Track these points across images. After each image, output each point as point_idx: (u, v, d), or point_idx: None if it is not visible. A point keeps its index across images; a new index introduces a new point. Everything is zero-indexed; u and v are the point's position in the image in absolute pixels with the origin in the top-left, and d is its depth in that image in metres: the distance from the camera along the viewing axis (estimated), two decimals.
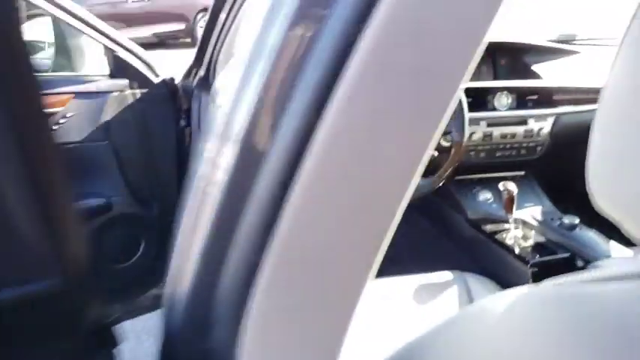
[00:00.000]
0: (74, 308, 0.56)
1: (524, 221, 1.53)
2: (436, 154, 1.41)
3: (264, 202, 0.35)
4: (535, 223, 1.50)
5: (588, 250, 1.33)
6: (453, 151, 1.36)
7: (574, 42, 2.07)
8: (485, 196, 1.61)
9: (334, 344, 0.37)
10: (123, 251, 1.75)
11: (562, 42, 2.04)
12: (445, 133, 1.37)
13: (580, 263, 1.33)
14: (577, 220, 1.42)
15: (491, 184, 1.67)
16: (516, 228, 1.49)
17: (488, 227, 1.53)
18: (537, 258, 1.35)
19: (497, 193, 1.62)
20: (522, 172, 1.74)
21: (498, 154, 1.64)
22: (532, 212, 1.57)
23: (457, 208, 1.64)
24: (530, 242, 1.44)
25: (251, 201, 0.35)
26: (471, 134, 1.57)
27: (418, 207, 2.00)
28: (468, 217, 1.60)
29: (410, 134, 0.34)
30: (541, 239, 1.44)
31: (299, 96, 0.33)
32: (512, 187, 1.41)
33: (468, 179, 1.68)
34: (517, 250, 1.40)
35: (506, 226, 1.50)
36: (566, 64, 1.80)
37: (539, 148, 1.66)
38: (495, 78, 1.78)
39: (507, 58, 1.80)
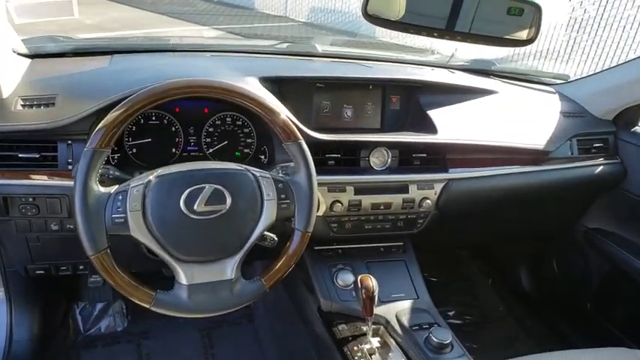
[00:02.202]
0: None
1: (386, 324, 1.21)
2: (270, 241, 1.04)
3: None
4: (399, 330, 1.18)
5: None
6: (293, 241, 0.99)
7: (490, 72, 1.74)
8: (345, 279, 1.26)
9: None
10: None
11: (476, 71, 1.71)
12: (284, 219, 0.99)
13: None
14: (448, 339, 1.10)
15: (357, 262, 1.33)
16: (375, 335, 1.17)
17: (341, 328, 1.19)
18: None
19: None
20: (400, 243, 1.41)
21: (368, 226, 1.29)
22: (401, 309, 1.25)
23: (311, 292, 1.29)
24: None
25: None
26: (333, 203, 1.21)
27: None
28: (320, 307, 1.26)
29: None
30: (401, 357, 1.13)
31: None
32: (370, 284, 1.07)
33: (329, 251, 1.33)
34: None
35: (364, 328, 1.17)
36: (474, 109, 1.45)
37: (420, 222, 1.33)
38: (382, 121, 1.41)
39: (401, 96, 1.43)
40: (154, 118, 1.19)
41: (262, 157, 1.26)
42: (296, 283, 1.39)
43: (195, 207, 0.89)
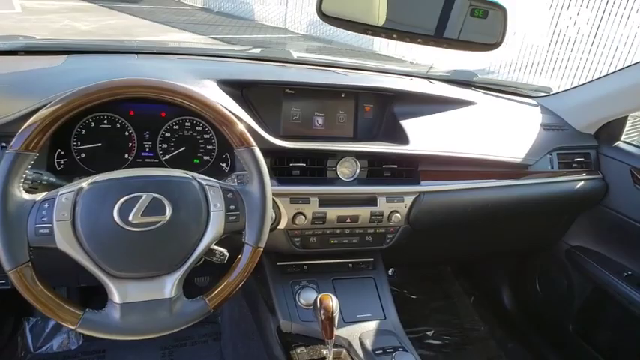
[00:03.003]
0: None
1: (349, 347, 1.13)
2: (220, 257, 0.96)
3: None
4: (361, 354, 1.10)
5: None
6: (242, 257, 0.91)
7: (472, 83, 1.69)
8: (308, 298, 1.17)
9: None
10: None
11: (457, 82, 1.65)
12: (233, 232, 0.91)
13: None
14: None
15: (323, 279, 1.25)
16: (336, 358, 1.09)
17: (299, 351, 1.11)
18: None
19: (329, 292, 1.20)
20: (370, 259, 1.33)
21: (334, 240, 1.21)
22: (366, 330, 1.16)
23: (272, 311, 1.21)
24: None
25: None
26: (295, 216, 1.13)
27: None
28: (279, 328, 1.17)
29: None
30: None
31: None
32: (330, 303, 0.99)
33: (293, 267, 1.25)
34: None
35: (325, 352, 1.08)
36: (450, 120, 1.39)
37: (389, 237, 1.25)
38: (355, 131, 1.34)
39: (374, 106, 1.36)
40: (105, 122, 1.11)
41: (224, 165, 1.19)
42: (258, 301, 1.30)
43: (130, 218, 0.81)
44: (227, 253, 0.93)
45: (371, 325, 1.17)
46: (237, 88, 1.16)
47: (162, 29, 8.42)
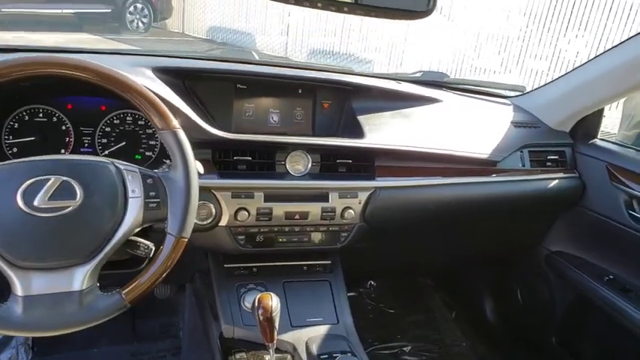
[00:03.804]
0: None
1: (293, 352, 1.04)
2: (144, 250, 0.89)
3: None
4: (304, 355, 1.01)
5: None
6: (164, 248, 0.83)
7: (442, 84, 1.63)
8: (252, 301, 1.09)
9: None
10: None
11: (427, 83, 1.60)
12: (155, 221, 0.84)
13: None
14: None
15: (272, 281, 1.17)
16: None
17: (239, 357, 1.01)
18: None
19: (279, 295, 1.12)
20: (328, 262, 1.24)
21: (282, 239, 1.13)
22: (315, 335, 1.07)
23: (215, 316, 1.12)
24: None
25: None
26: (238, 211, 1.06)
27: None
28: (222, 334, 1.08)
29: None
30: None
31: None
32: (269, 303, 0.90)
33: (241, 269, 1.17)
34: None
35: (267, 358, 0.99)
36: (411, 116, 1.33)
37: (344, 235, 1.18)
38: (313, 128, 1.28)
39: (333, 102, 1.31)
40: (41, 115, 1.07)
41: (168, 161, 1.13)
42: (205, 308, 1.22)
43: (35, 202, 0.74)
44: (153, 247, 0.86)
45: (321, 330, 1.08)
46: (178, 78, 1.11)
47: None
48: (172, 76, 1.09)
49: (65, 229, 0.76)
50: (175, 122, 0.85)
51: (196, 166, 0.94)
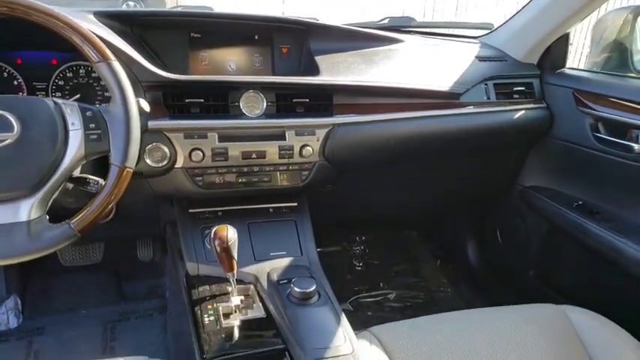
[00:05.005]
0: None
1: (256, 282, 1.05)
2: (94, 185, 0.91)
3: None
4: (266, 286, 1.03)
5: (307, 341, 0.86)
6: (109, 178, 0.85)
7: (409, 28, 1.61)
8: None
9: None
10: None
11: (393, 29, 1.58)
12: (98, 153, 0.85)
13: None
14: (312, 287, 0.95)
15: (237, 223, 1.18)
16: (241, 295, 1.01)
17: (201, 289, 1.04)
18: (229, 352, 0.86)
19: (243, 235, 1.14)
20: (294, 204, 1.25)
21: (242, 179, 1.14)
22: (278, 267, 1.09)
23: (181, 258, 1.14)
24: (247, 317, 0.95)
25: None
26: (192, 152, 1.07)
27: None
28: (187, 272, 1.10)
29: None
30: (260, 314, 0.97)
31: None
32: (224, 234, 0.91)
33: (206, 214, 1.18)
34: (215, 336, 0.90)
35: (229, 289, 1.01)
36: (370, 55, 1.33)
37: (305, 174, 1.18)
38: (274, 73, 1.28)
39: (291, 45, 1.31)
40: None
41: None
42: (174, 255, 1.24)
43: None
44: (103, 182, 0.88)
45: (284, 262, 1.10)
46: (125, 25, 1.11)
47: None
48: (118, 22, 1.08)
49: (5, 161, 0.78)
50: (110, 54, 0.86)
51: (141, 104, 0.95)
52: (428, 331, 0.97)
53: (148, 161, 1.05)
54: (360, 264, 1.91)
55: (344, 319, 0.92)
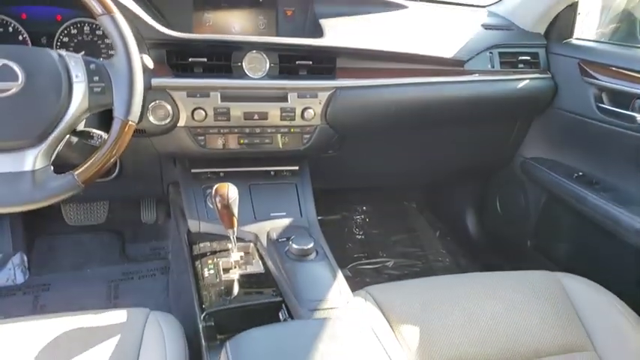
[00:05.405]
0: None
1: (255, 240, 1.08)
2: (98, 139, 0.92)
3: None
4: (265, 244, 1.05)
5: (304, 293, 0.89)
6: (112, 131, 0.86)
7: None
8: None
9: None
10: None
11: None
12: (101, 106, 0.86)
13: (283, 315, 0.89)
14: (310, 244, 0.97)
15: (239, 184, 1.19)
16: (241, 252, 1.04)
17: (202, 246, 1.06)
18: (223, 304, 0.89)
19: (244, 195, 1.15)
20: (295, 167, 1.27)
21: (244, 140, 1.15)
22: (277, 226, 1.11)
23: (183, 216, 1.17)
24: (246, 272, 0.98)
25: None
26: (194, 110, 1.08)
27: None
28: (189, 229, 1.13)
29: None
30: (258, 269, 0.99)
31: None
32: (225, 191, 0.93)
33: (208, 174, 1.20)
34: (214, 288, 0.93)
35: (229, 246, 1.03)
36: (375, 20, 1.32)
37: (306, 137, 1.19)
38: (278, 36, 1.28)
39: (296, 8, 1.30)
40: None
41: None
42: (177, 215, 1.26)
43: None
44: (106, 136, 0.89)
45: (283, 222, 1.12)
46: None
47: None
48: None
49: (10, 110, 0.79)
50: (113, 7, 0.86)
51: (145, 60, 0.96)
52: (421, 291, 0.99)
53: (152, 119, 1.06)
54: (360, 233, 1.93)
55: (340, 275, 0.95)
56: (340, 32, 1.20)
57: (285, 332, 0.72)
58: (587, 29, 1.43)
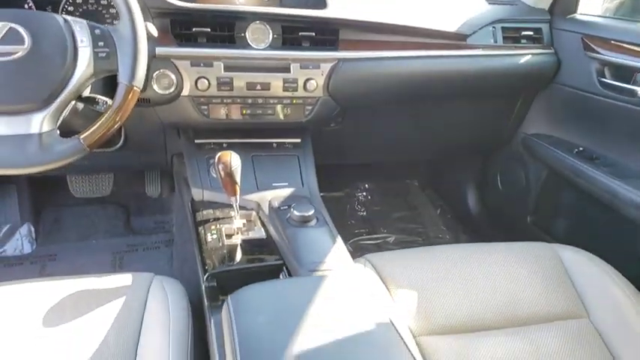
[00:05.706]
0: None
1: (258, 208, 1.10)
2: (103, 105, 0.94)
3: None
4: (267, 211, 1.07)
5: (304, 256, 0.91)
6: (117, 96, 0.87)
7: None
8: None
9: None
10: None
11: None
12: (106, 71, 0.88)
13: (283, 277, 0.92)
14: (310, 211, 0.99)
15: (243, 155, 1.21)
16: (242, 217, 1.06)
17: (205, 213, 1.08)
18: (226, 265, 0.92)
19: (247, 166, 1.17)
20: (297, 140, 1.28)
21: (247, 111, 1.16)
22: (279, 195, 1.13)
23: (187, 185, 1.19)
24: (248, 237, 1.00)
25: None
26: (197, 80, 1.09)
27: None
28: (192, 198, 1.15)
29: None
30: (260, 235, 1.01)
31: None
32: (228, 159, 0.95)
33: (211, 145, 1.22)
34: (217, 252, 0.96)
35: (232, 213, 1.05)
36: None
37: (308, 108, 1.20)
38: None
39: None
40: None
41: None
42: (181, 185, 1.28)
43: None
44: (111, 102, 0.91)
45: (285, 192, 1.14)
46: None
47: None
48: None
49: (17, 73, 0.81)
50: None
51: (149, 28, 0.97)
52: (420, 259, 1.01)
53: (156, 88, 1.07)
54: (362, 210, 1.95)
55: (340, 241, 0.97)
56: (343, 4, 1.20)
57: (284, 287, 0.74)
58: (592, 4, 1.43)
